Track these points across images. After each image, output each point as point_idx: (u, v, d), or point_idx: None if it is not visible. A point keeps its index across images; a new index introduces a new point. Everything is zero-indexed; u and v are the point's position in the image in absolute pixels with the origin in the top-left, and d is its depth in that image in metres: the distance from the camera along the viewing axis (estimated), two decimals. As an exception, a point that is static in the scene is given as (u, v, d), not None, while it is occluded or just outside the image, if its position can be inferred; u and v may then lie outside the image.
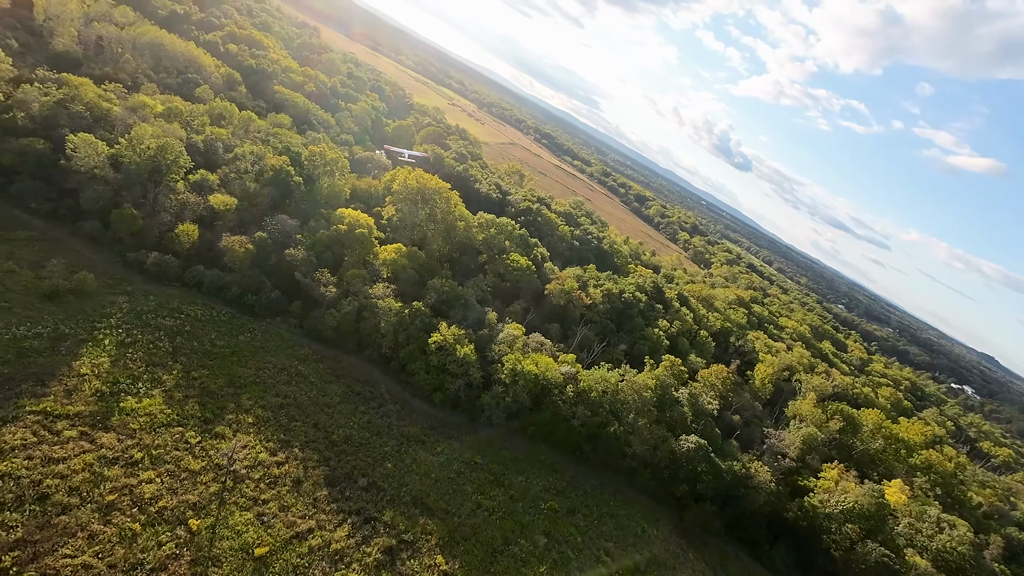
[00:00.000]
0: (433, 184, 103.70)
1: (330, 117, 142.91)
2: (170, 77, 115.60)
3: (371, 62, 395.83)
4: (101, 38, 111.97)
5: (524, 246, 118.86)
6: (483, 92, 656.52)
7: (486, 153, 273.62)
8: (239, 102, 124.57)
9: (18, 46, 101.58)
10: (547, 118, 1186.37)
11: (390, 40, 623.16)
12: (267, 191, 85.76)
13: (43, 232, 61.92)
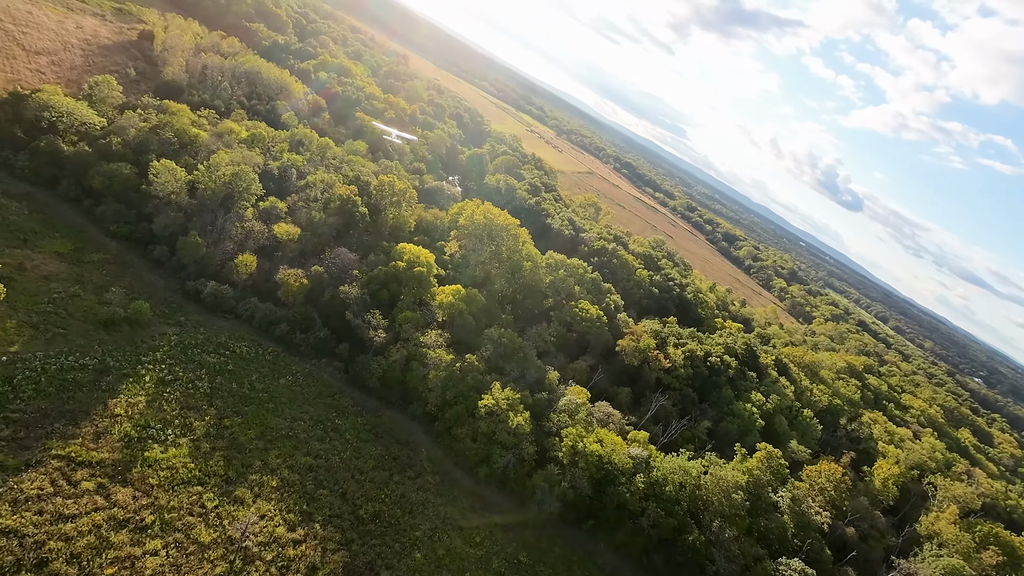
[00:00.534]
0: (501, 220, 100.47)
1: (405, 144, 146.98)
2: (261, 104, 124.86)
3: (454, 88, 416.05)
4: (206, 67, 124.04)
5: (596, 292, 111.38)
6: (563, 118, 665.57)
7: (562, 182, 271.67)
8: (320, 128, 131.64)
9: (135, 74, 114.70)
10: (629, 146, 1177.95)
11: (474, 66, 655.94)
12: (332, 220, 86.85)
13: (116, 255, 65.39)
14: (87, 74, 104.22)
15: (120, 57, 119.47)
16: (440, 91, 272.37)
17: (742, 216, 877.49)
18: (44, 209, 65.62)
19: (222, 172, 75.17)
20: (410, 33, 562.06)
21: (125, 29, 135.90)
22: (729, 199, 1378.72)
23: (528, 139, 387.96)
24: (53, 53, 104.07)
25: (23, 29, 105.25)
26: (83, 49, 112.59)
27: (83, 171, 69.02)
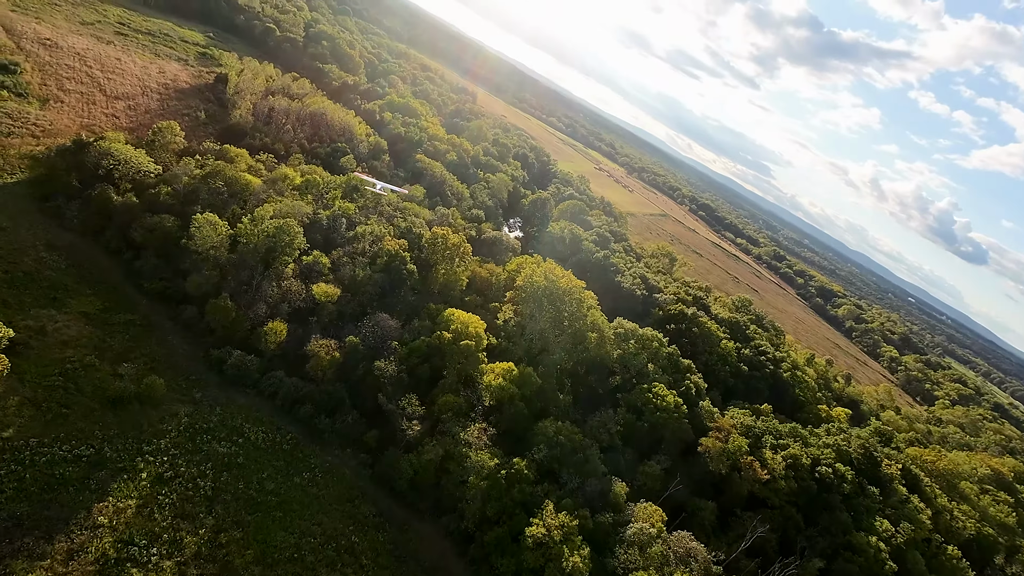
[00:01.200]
0: (564, 283, 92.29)
1: (465, 189, 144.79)
2: (322, 146, 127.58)
3: (522, 124, 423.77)
4: (272, 109, 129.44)
5: (673, 370, 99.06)
6: (634, 155, 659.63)
7: (632, 226, 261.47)
8: (379, 172, 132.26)
9: (204, 117, 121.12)
10: (707, 184, 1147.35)
11: (544, 101, 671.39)
12: (377, 278, 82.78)
13: (145, 315, 63.69)
14: (159, 118, 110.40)
15: (194, 100, 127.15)
16: (506, 129, 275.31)
17: (837, 265, 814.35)
18: (83, 262, 65.71)
19: (266, 225, 73.38)
20: (480, 69, 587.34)
21: (204, 73, 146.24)
22: (821, 244, 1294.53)
23: (596, 178, 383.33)
24: (131, 98, 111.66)
25: (109, 75, 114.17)
26: (160, 93, 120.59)
27: (128, 222, 69.42)
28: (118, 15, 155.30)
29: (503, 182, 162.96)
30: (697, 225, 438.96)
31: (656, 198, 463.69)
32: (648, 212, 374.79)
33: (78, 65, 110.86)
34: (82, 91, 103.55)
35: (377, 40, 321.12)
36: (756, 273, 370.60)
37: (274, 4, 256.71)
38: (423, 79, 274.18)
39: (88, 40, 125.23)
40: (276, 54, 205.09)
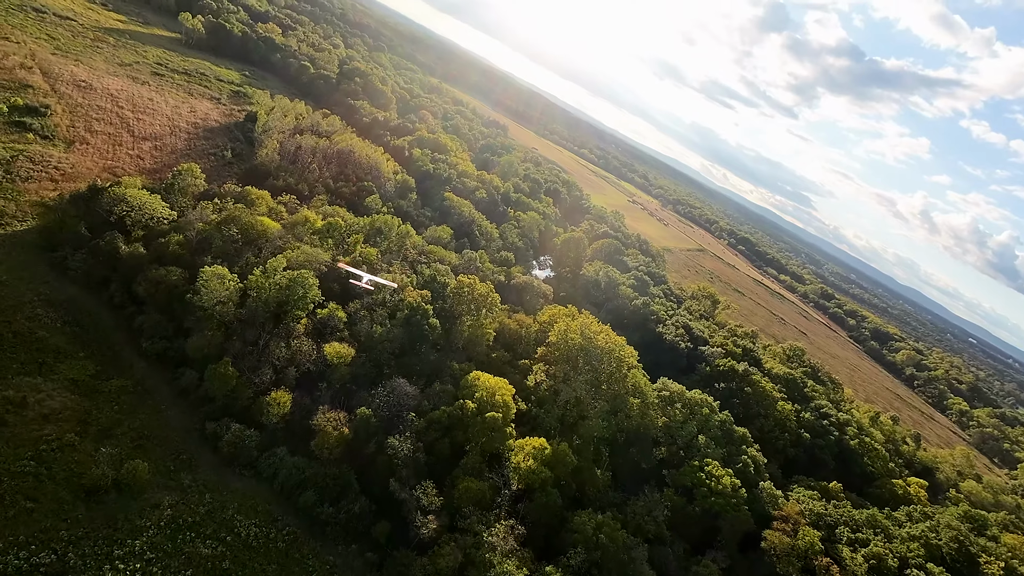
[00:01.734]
0: (603, 340, 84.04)
1: (494, 229, 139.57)
2: (347, 185, 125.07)
3: (553, 156, 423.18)
4: (299, 147, 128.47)
5: (726, 440, 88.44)
6: (668, 187, 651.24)
7: (669, 263, 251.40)
8: (404, 211, 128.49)
9: (231, 156, 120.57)
10: (744, 215, 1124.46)
11: (575, 133, 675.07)
12: (397, 334, 76.65)
13: (140, 380, 58.78)
14: (185, 158, 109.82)
15: (222, 139, 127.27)
16: (537, 163, 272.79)
17: (889, 302, 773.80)
18: (82, 319, 61.80)
19: (279, 278, 68.66)
20: (511, 101, 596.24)
21: (236, 111, 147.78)
22: (869, 280, 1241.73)
23: (630, 211, 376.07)
24: (159, 138, 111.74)
25: (139, 115, 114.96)
26: (189, 132, 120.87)
27: (133, 274, 65.66)
28: (157, 56, 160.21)
29: (534, 221, 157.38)
30: (737, 261, 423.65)
31: (693, 232, 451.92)
32: (685, 247, 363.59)
33: (109, 106, 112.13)
34: (110, 132, 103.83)
35: (410, 75, 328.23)
36: (803, 314, 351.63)
37: (311, 43, 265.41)
38: (454, 113, 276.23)
39: (123, 81, 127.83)
40: (309, 91, 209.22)
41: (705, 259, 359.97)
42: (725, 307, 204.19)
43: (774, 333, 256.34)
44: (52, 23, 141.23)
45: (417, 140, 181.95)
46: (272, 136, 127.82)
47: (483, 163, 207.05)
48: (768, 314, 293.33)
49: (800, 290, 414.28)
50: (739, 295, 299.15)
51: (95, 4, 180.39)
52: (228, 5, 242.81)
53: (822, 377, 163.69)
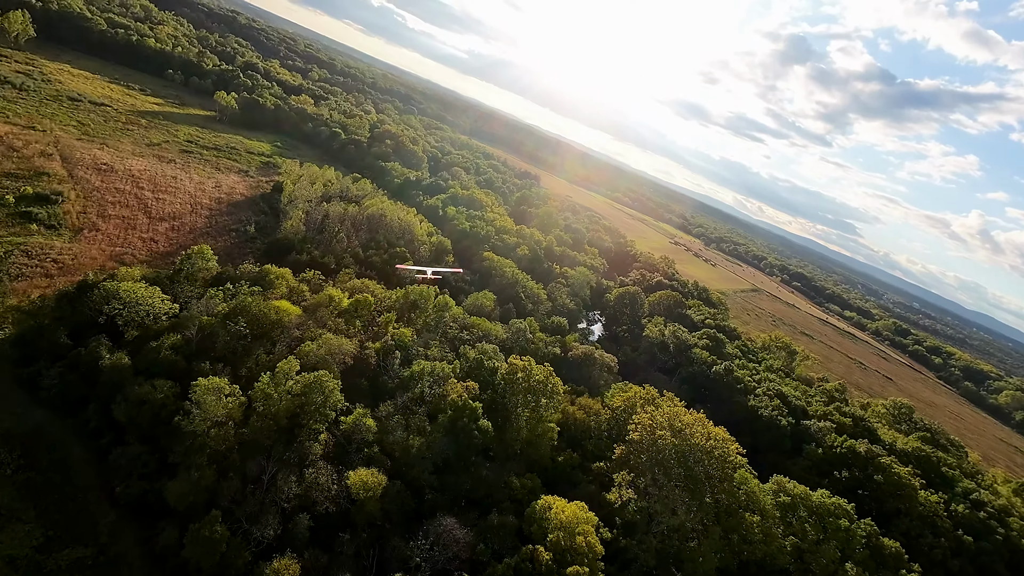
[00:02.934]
0: (700, 437, 65.25)
1: (541, 290, 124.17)
2: (377, 253, 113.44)
3: (587, 203, 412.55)
4: (327, 216, 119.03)
5: (877, 561, 66.24)
6: (708, 224, 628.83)
7: (727, 308, 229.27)
8: (440, 280, 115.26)
9: (253, 230, 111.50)
10: (788, 248, 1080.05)
11: (606, 177, 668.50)
12: (439, 444, 60.46)
13: (106, 543, 44.20)
14: (204, 236, 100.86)
15: (246, 213, 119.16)
16: (575, 211, 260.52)
17: (964, 331, 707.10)
18: (41, 460, 48.59)
19: (290, 384, 54.56)
20: (540, 152, 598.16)
21: (263, 183, 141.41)
22: (935, 308, 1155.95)
23: (673, 253, 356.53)
24: (178, 217, 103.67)
25: (159, 195, 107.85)
26: (211, 209, 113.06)
27: (115, 391, 52.72)
28: (188, 134, 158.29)
29: (584, 276, 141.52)
30: (795, 299, 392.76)
31: (743, 271, 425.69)
32: (738, 288, 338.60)
33: (128, 188, 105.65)
34: (124, 215, 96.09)
35: (440, 134, 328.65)
36: (880, 354, 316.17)
37: (342, 110, 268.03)
38: (486, 167, 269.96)
39: (148, 161, 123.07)
40: (340, 156, 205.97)
41: (762, 300, 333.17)
42: (804, 358, 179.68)
43: (857, 382, 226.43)
44: (86, 110, 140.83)
45: (451, 198, 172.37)
46: (298, 206, 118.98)
47: (520, 216, 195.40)
48: (844, 359, 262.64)
49: (870, 327, 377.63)
50: (808, 339, 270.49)
51: (133, 90, 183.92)
52: (263, 82, 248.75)
53: (941, 441, 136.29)
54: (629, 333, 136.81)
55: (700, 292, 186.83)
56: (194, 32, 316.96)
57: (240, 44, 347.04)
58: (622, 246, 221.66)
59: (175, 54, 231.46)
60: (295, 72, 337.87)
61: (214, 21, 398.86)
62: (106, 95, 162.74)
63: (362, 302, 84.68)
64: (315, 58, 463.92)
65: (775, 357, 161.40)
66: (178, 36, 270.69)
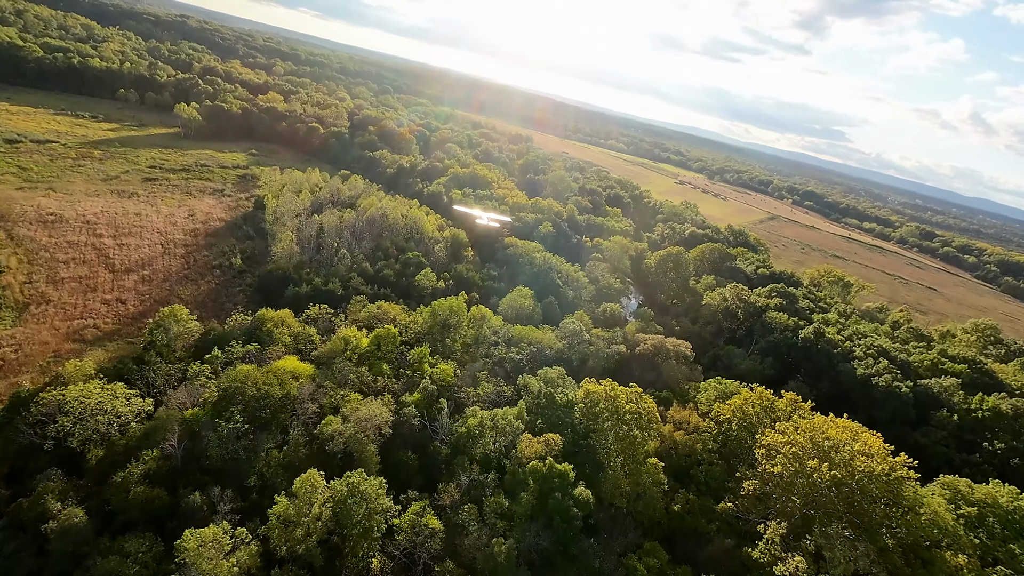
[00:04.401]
0: (861, 462, 47.61)
1: (578, 273, 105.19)
2: (388, 264, 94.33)
3: (583, 155, 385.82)
4: (322, 230, 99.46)
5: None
6: (705, 157, 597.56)
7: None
8: (465, 278, 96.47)
9: (240, 262, 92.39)
10: (780, 165, 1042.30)
11: (594, 126, 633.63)
12: (529, 533, 43.54)
13: None
14: (182, 282, 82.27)
15: (228, 241, 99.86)
16: (581, 168, 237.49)
17: (974, 222, 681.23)
18: None
19: (317, 510, 37.36)
20: (524, 111, 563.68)
21: (243, 200, 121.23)
22: (936, 200, 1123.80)
23: (683, 193, 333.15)
24: (148, 263, 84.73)
25: (122, 239, 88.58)
26: (187, 245, 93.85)
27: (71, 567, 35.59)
28: (151, 158, 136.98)
29: (620, 246, 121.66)
30: (812, 219, 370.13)
31: (753, 199, 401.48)
32: (755, 219, 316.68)
33: (83, 238, 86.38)
34: (81, 275, 77.30)
35: (422, 110, 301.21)
36: (913, 263, 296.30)
37: (315, 102, 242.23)
38: (478, 138, 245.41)
39: (106, 200, 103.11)
40: (323, 153, 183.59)
41: (782, 227, 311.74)
42: (859, 288, 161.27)
43: (905, 299, 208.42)
44: (27, 151, 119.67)
45: (452, 179, 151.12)
46: (286, 223, 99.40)
47: (529, 186, 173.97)
48: (882, 276, 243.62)
49: (893, 235, 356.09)
50: (840, 261, 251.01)
51: (83, 118, 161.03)
52: (225, 86, 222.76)
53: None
54: (680, 303, 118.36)
55: (737, 236, 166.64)
56: (144, 44, 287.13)
57: (195, 49, 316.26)
58: (639, 199, 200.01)
59: (124, 71, 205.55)
60: (258, 70, 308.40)
61: (163, 30, 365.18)
62: (52, 129, 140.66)
63: (385, 337, 66.64)
64: (277, 51, 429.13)
65: (826, 293, 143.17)
66: (126, 51, 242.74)
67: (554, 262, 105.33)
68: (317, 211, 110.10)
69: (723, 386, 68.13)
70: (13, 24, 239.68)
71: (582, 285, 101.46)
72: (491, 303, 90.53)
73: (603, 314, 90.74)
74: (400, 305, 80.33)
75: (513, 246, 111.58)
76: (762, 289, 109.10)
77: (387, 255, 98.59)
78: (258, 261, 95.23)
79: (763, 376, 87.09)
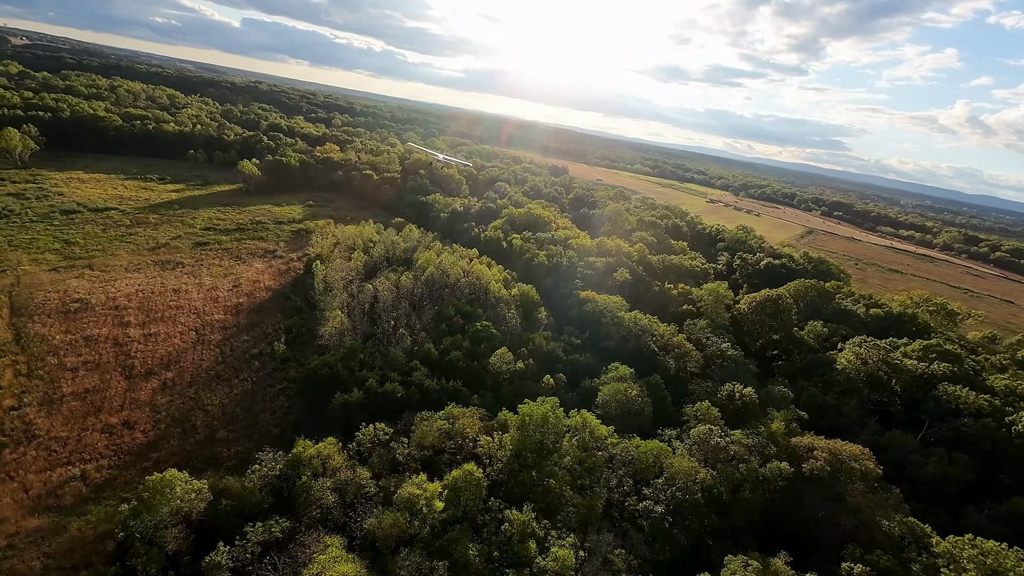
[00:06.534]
0: None
1: (676, 335, 75.77)
2: (456, 343, 67.97)
3: (614, 181, 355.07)
4: (376, 299, 74.70)
5: None
6: (727, 175, 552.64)
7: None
8: (547, 354, 68.92)
9: (283, 347, 68.09)
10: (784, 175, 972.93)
11: (617, 152, 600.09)
12: None
13: None
14: (213, 383, 58.27)
15: (273, 317, 76.03)
16: (626, 196, 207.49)
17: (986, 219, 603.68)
18: None
19: None
20: (552, 143, 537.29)
21: (294, 260, 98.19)
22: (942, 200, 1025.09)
23: (715, 212, 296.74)
24: (174, 362, 61.26)
25: (151, 327, 65.53)
26: (224, 328, 70.34)
27: None
28: (208, 218, 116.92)
29: (713, 292, 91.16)
30: (849, 230, 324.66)
31: (784, 213, 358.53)
32: (795, 234, 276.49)
33: (106, 330, 64.08)
34: (89, 387, 54.31)
35: (467, 149, 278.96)
36: (971, 271, 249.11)
37: (369, 149, 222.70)
38: (522, 172, 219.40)
39: (147, 274, 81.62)
40: (377, 199, 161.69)
41: (826, 241, 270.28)
42: (965, 316, 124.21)
43: (989, 318, 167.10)
44: (82, 222, 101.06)
45: (508, 221, 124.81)
46: (336, 295, 74.92)
47: (583, 221, 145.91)
48: (949, 290, 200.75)
49: (936, 242, 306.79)
50: (898, 275, 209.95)
51: (152, 180, 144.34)
52: (286, 140, 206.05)
53: None
54: (784, 355, 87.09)
55: (817, 264, 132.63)
56: (219, 108, 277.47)
57: (263, 109, 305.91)
58: (693, 226, 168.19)
59: (196, 133, 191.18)
60: (318, 123, 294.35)
61: (238, 94, 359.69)
62: (116, 196, 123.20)
63: (465, 484, 39.78)
64: (336, 105, 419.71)
65: (924, 316, 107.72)
66: (200, 115, 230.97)
67: (646, 323, 76.42)
68: (371, 273, 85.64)
69: (993, 560, 37.44)
70: (106, 98, 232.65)
71: (685, 352, 72.06)
72: (582, 389, 62.80)
73: (729, 399, 60.96)
74: (476, 410, 53.52)
75: (590, 301, 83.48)
76: (909, 347, 76.52)
77: (451, 326, 72.28)
78: (305, 342, 70.85)
79: (959, 483, 55.72)
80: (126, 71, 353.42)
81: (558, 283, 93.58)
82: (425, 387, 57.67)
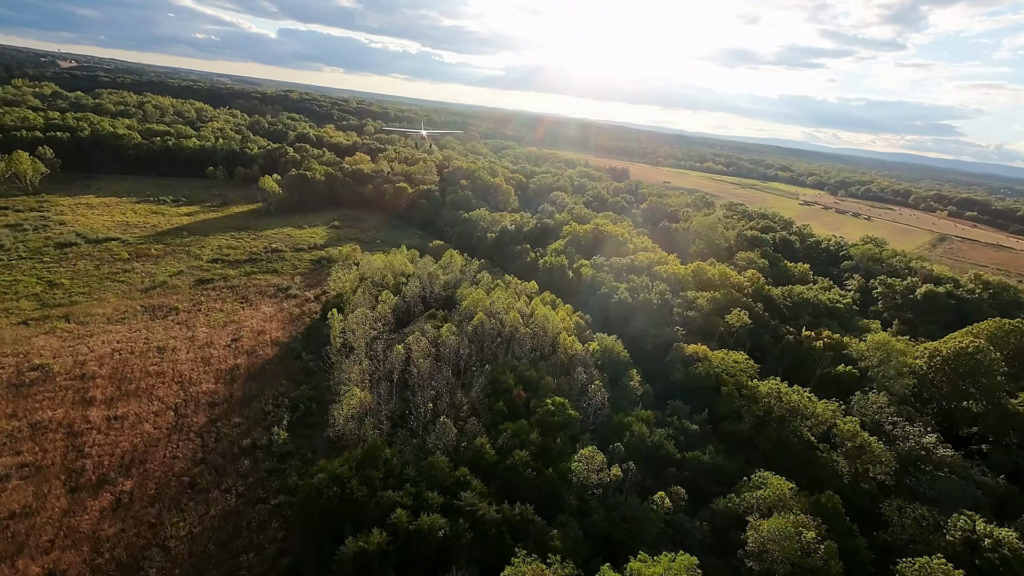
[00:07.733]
0: None
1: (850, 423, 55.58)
2: (520, 432, 51.72)
3: (683, 183, 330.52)
4: (409, 362, 60.37)
5: None
6: (819, 171, 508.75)
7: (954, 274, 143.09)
8: (648, 452, 51.38)
9: (284, 436, 54.18)
10: (882, 168, 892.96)
11: (684, 150, 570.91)
12: None
13: None
14: (176, 503, 45.30)
15: (276, 385, 63.26)
16: (708, 203, 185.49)
17: None
18: None
19: None
20: (605, 142, 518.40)
21: (309, 302, 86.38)
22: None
23: (815, 216, 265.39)
24: (139, 461, 49.17)
25: (118, 407, 54.74)
26: (212, 405, 58.23)
27: None
28: (218, 246, 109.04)
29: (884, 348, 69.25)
30: (993, 235, 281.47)
31: (900, 215, 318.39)
32: (923, 242, 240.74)
33: (62, 411, 53.18)
34: (17, 507, 42.50)
35: (513, 153, 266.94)
36: None
37: (403, 158, 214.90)
38: (577, 177, 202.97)
39: (129, 327, 71.95)
40: (412, 215, 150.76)
41: (967, 251, 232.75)
42: None
43: None
44: (75, 256, 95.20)
45: (571, 242, 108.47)
46: (357, 359, 61.14)
47: (663, 238, 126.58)
48: None
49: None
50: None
51: (165, 203, 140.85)
52: (312, 151, 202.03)
53: None
54: (992, 437, 63.89)
55: (994, 292, 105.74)
56: (246, 120, 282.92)
57: (292, 118, 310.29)
58: (805, 239, 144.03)
59: (217, 148, 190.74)
60: (350, 131, 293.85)
61: (267, 104, 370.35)
62: (122, 223, 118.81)
63: None
64: (368, 111, 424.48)
65: None
66: (225, 128, 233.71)
67: (795, 399, 56.67)
68: (403, 320, 71.73)
69: None
70: (133, 115, 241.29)
71: (862, 447, 51.63)
72: (716, 514, 44.39)
73: (968, 546, 40.25)
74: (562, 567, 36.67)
75: (703, 360, 64.83)
76: None
77: (511, 404, 56.19)
78: (315, 423, 57.23)
79: None
80: (158, 87, 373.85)
81: (647, 330, 75.51)
82: (479, 515, 41.65)
